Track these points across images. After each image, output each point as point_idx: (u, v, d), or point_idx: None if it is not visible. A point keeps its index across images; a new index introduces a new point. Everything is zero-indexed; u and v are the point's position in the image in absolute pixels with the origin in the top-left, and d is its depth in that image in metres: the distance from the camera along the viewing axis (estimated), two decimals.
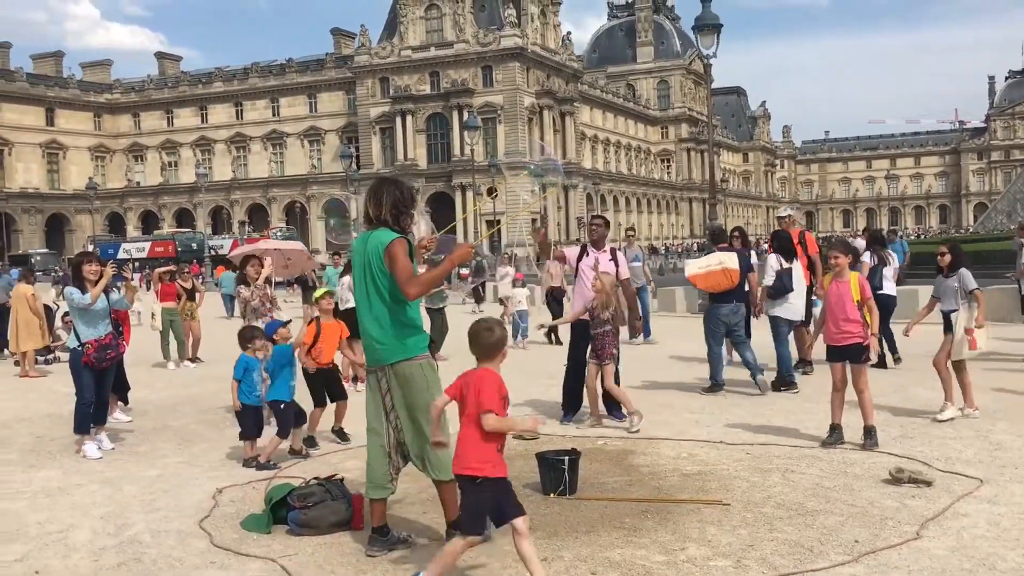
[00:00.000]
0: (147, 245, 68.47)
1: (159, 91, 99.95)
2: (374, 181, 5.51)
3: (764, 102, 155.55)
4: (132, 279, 16.04)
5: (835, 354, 7.57)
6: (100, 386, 8.42)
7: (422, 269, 5.59)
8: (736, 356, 11.97)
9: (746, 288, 10.71)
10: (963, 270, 8.47)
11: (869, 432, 7.39)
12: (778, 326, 10.61)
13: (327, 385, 8.47)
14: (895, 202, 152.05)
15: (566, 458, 6.33)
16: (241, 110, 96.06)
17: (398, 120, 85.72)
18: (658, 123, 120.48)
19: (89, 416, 8.27)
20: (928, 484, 6.15)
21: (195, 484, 6.99)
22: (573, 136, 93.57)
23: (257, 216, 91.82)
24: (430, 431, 4.90)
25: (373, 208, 5.20)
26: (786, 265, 10.59)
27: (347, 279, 12.72)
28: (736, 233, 12.54)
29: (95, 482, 7.18)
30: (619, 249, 10.52)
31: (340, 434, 8.51)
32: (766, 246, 15.94)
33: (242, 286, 9.80)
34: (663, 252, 77.26)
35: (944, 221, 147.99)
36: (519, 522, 4.36)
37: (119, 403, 9.98)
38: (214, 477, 7.17)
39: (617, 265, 9.07)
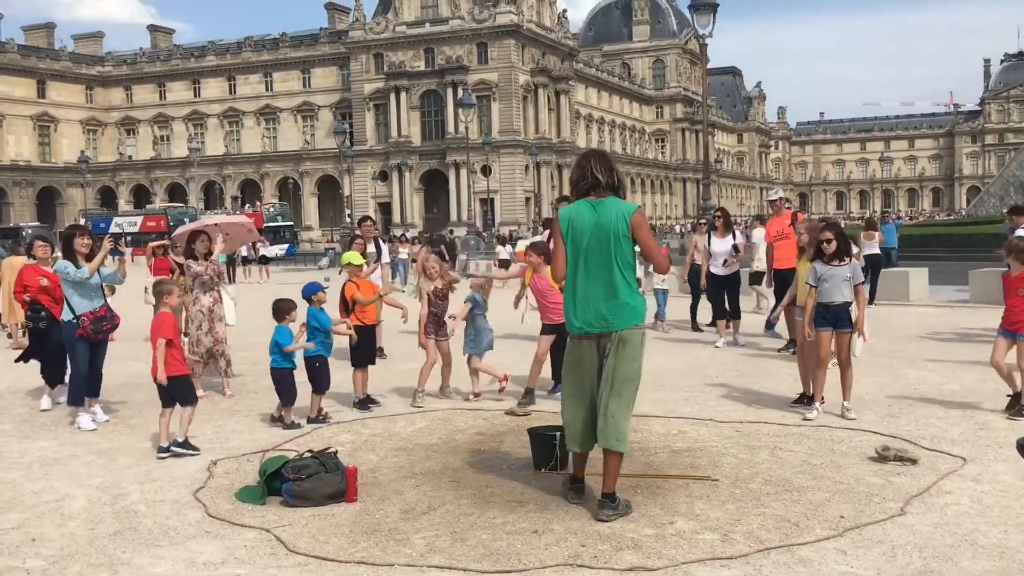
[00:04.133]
0: (139, 219, 68.09)
1: (151, 64, 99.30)
2: (591, 151, 5.72)
3: (760, 83, 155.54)
4: (125, 253, 16.02)
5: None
6: (95, 358, 8.46)
7: None
8: (740, 338, 12.14)
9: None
10: (854, 260, 7.89)
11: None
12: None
13: (366, 346, 8.75)
14: (888, 185, 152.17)
15: (557, 434, 6.39)
16: (234, 84, 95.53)
17: (392, 97, 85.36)
18: (653, 103, 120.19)
19: (84, 388, 8.30)
20: (913, 462, 6.24)
21: (189, 456, 7.04)
22: (568, 115, 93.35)
23: (250, 191, 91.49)
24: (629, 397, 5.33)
25: (605, 175, 5.37)
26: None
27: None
28: (719, 214, 12.68)
29: (90, 453, 7.24)
30: None
31: (368, 401, 8.75)
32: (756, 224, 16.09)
33: (191, 260, 9.90)
34: (655, 232, 77.30)
35: (937, 204, 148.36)
36: None
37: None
38: (209, 449, 7.22)
39: None
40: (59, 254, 8.74)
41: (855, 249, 9.15)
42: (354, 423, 8.12)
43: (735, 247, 11.98)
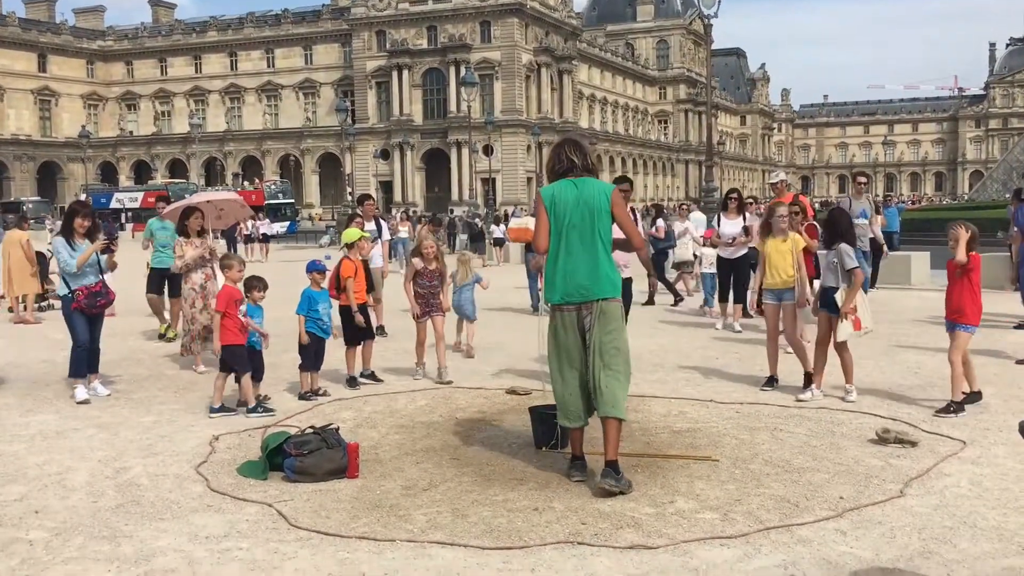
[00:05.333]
0: (140, 195, 68.08)
1: (153, 39, 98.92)
2: (565, 138, 5.98)
3: (764, 64, 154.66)
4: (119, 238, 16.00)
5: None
6: (92, 332, 8.56)
7: None
8: (738, 326, 12.13)
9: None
10: (843, 245, 7.73)
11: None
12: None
13: (352, 325, 8.77)
14: (891, 168, 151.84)
15: (558, 412, 6.40)
16: (236, 60, 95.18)
17: (394, 74, 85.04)
18: (656, 83, 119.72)
19: (83, 360, 8.41)
20: (913, 445, 6.26)
21: (191, 431, 7.07)
22: (571, 95, 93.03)
23: (251, 168, 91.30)
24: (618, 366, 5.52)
25: (580, 158, 5.70)
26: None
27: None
28: (734, 195, 12.66)
29: (92, 426, 7.26)
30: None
31: (373, 377, 8.89)
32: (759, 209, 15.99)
33: (182, 238, 9.89)
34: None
35: (940, 188, 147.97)
36: None
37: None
38: (210, 424, 7.25)
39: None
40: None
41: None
42: (355, 400, 8.15)
43: (745, 229, 11.93)
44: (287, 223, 58.22)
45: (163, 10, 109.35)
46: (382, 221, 13.21)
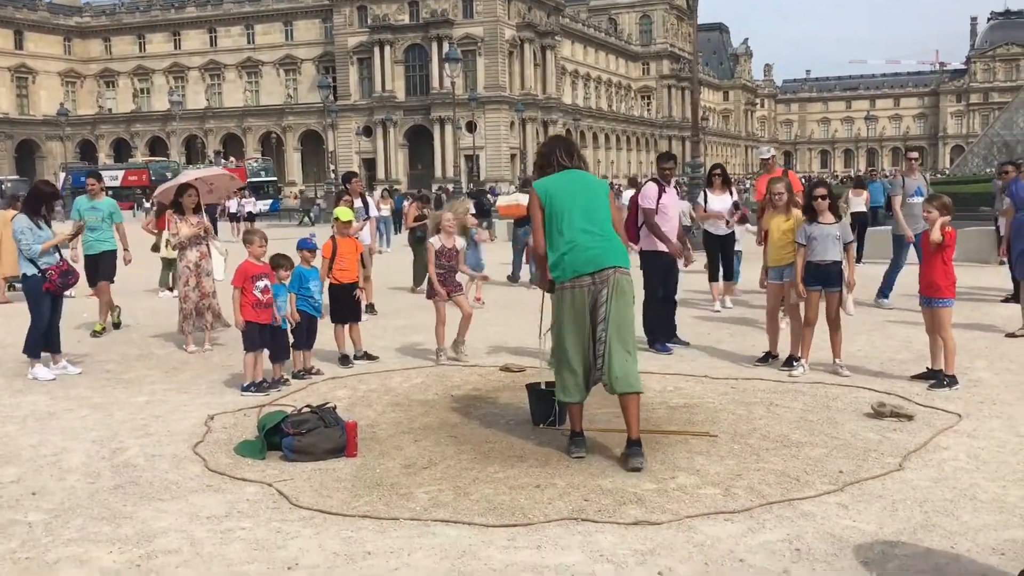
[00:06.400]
0: (120, 173, 67.47)
1: (130, 15, 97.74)
2: (556, 140, 6.13)
3: (746, 39, 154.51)
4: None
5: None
6: (53, 314, 8.57)
7: None
8: (729, 303, 12.05)
9: None
10: (844, 219, 7.80)
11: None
12: None
13: (348, 303, 8.72)
14: (873, 143, 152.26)
15: (555, 389, 6.38)
16: (215, 36, 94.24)
17: (376, 50, 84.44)
18: (639, 59, 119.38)
19: (42, 341, 8.42)
20: (909, 418, 6.28)
21: (185, 410, 7.02)
22: (554, 71, 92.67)
23: (232, 146, 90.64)
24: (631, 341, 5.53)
25: (570, 160, 5.82)
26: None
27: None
28: (718, 171, 12.50)
29: (84, 407, 7.20)
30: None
31: (367, 356, 8.83)
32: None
33: (177, 215, 9.79)
34: None
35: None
36: None
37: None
38: (205, 404, 7.20)
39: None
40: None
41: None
42: (349, 378, 8.11)
43: (736, 204, 11.87)
44: (270, 201, 57.81)
45: None
46: (368, 199, 13.14)
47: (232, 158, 72.01)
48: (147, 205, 38.45)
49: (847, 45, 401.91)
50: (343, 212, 9.08)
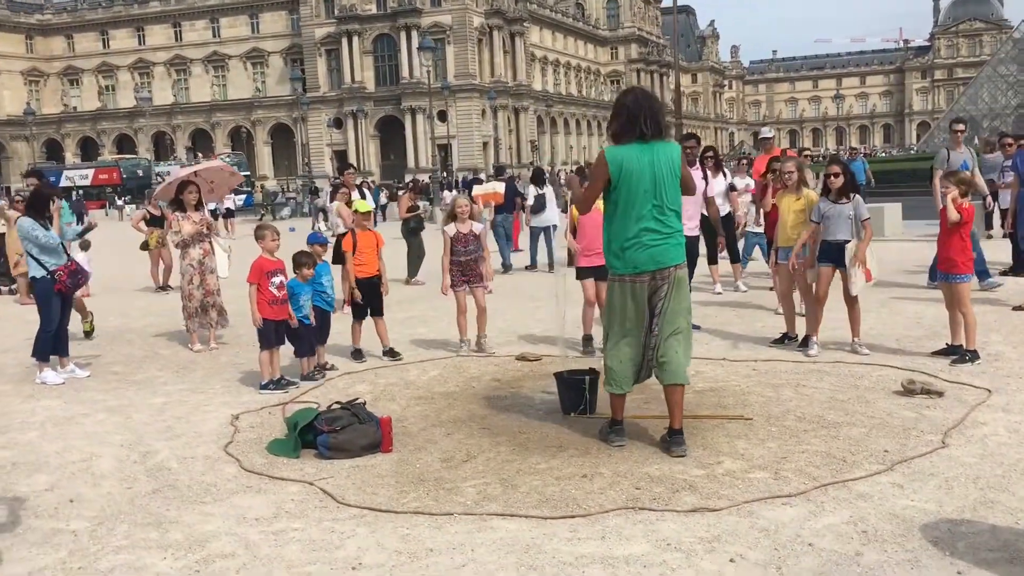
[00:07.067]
0: (91, 172, 66.58)
1: (93, 11, 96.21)
2: (641, 100, 5.44)
3: (713, 21, 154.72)
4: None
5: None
6: (63, 314, 8.40)
7: None
8: (743, 285, 11.98)
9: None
10: (858, 196, 7.74)
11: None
12: (535, 233, 15.58)
13: (370, 298, 8.48)
14: (841, 122, 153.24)
15: (587, 378, 6.35)
16: (180, 31, 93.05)
17: (344, 41, 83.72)
18: (608, 44, 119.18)
19: (51, 343, 8.25)
20: (940, 395, 6.29)
21: (206, 411, 6.91)
22: (523, 58, 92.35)
23: (201, 142, 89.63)
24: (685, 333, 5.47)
25: (653, 128, 5.32)
26: (540, 191, 15.29)
27: (336, 204, 12.51)
28: (709, 153, 12.38)
29: (101, 411, 7.06)
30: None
31: (391, 353, 8.53)
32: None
33: (179, 212, 9.61)
34: None
35: (888, 140, 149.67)
36: None
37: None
38: (225, 403, 7.09)
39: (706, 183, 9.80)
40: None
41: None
42: (366, 373, 8.02)
43: (731, 186, 11.83)
44: (244, 196, 57.19)
45: None
46: (365, 189, 13.03)
47: (201, 154, 71.17)
48: (145, 203, 37.86)
49: (812, 24, 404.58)
50: (362, 204, 8.92)
